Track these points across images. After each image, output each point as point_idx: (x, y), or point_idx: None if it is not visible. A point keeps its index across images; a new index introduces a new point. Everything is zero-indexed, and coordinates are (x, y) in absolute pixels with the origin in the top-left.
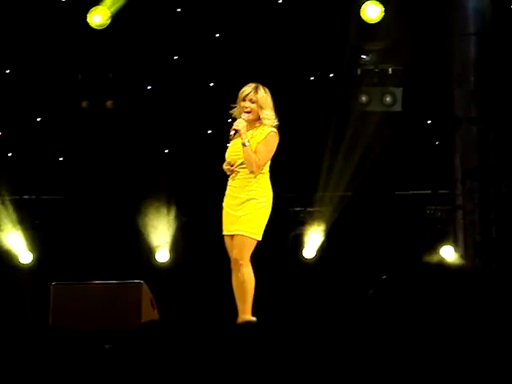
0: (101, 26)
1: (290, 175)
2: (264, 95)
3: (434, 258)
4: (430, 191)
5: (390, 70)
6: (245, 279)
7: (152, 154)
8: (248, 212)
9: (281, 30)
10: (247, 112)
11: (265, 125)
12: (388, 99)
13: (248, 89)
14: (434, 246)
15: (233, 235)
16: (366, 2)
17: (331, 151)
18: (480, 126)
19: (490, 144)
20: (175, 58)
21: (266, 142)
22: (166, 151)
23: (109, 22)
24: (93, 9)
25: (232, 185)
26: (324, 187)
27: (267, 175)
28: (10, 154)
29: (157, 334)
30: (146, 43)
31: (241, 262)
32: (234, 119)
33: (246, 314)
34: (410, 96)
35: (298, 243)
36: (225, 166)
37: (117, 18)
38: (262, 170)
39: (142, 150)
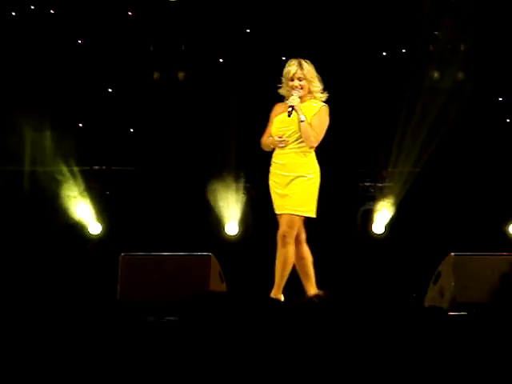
0: None
1: (361, 150)
2: (309, 69)
3: None
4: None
5: (462, 46)
6: (288, 256)
7: (222, 126)
8: (296, 190)
9: (354, 5)
10: (299, 90)
11: (315, 98)
12: (460, 76)
13: (293, 68)
14: None
15: (282, 214)
16: None
17: (402, 127)
18: None
19: None
20: (248, 31)
21: (320, 117)
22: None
23: None
24: None
25: (278, 162)
26: (395, 163)
27: (313, 152)
28: (80, 125)
29: (220, 305)
30: (219, 16)
31: (287, 240)
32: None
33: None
34: (481, 73)
35: (368, 218)
36: (276, 139)
37: None
38: (318, 144)
39: (212, 122)
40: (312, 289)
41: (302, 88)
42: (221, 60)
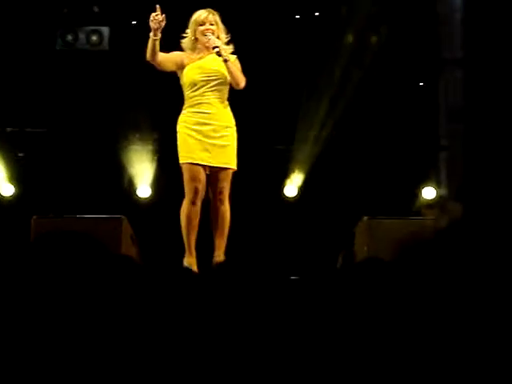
0: None
1: (273, 112)
2: (219, 18)
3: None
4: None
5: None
6: (228, 214)
7: (136, 88)
8: (230, 142)
9: None
10: (212, 33)
11: (224, 49)
12: (373, 39)
13: (204, 13)
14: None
15: (218, 168)
16: None
17: (314, 90)
18: (465, 68)
19: (476, 86)
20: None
21: (236, 63)
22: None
23: None
24: None
25: (201, 111)
26: (307, 125)
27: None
28: None
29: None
30: None
31: (226, 196)
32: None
33: (222, 253)
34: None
35: (280, 181)
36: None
37: None
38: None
39: (126, 85)
40: (222, 251)
41: (213, 33)
42: (134, 22)
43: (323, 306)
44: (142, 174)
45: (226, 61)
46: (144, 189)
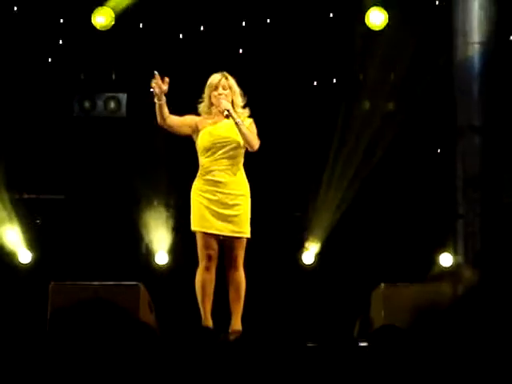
0: (105, 27)
1: (291, 179)
2: (233, 81)
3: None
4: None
5: (392, 76)
6: (243, 281)
7: (152, 155)
8: (242, 211)
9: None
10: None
11: (237, 112)
12: (390, 106)
13: (217, 77)
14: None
15: (231, 237)
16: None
17: (333, 157)
18: (483, 135)
19: (493, 153)
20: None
21: (251, 127)
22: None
23: (113, 22)
24: (97, 9)
25: (213, 179)
26: (325, 193)
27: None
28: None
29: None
30: (148, 44)
31: (241, 264)
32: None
33: (239, 320)
34: (412, 103)
35: (298, 248)
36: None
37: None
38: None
39: (143, 150)
40: (238, 317)
41: (226, 97)
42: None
43: (340, 373)
44: (160, 240)
45: (237, 123)
46: (162, 255)
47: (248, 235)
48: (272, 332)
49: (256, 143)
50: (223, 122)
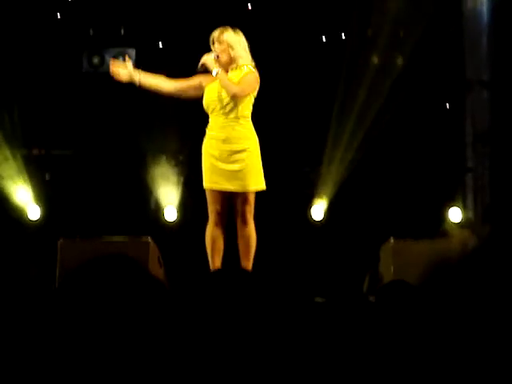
0: None
1: (300, 135)
2: (233, 36)
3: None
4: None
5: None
6: (252, 236)
7: (162, 110)
8: (245, 166)
9: None
10: (216, 56)
11: (241, 66)
12: (399, 61)
13: (215, 32)
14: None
15: (235, 192)
16: None
17: (342, 113)
18: (491, 90)
19: (502, 108)
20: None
21: (244, 76)
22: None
23: None
24: None
25: (215, 136)
26: (334, 148)
27: (249, 119)
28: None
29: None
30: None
31: (249, 219)
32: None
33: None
34: (420, 58)
35: (307, 203)
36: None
37: None
38: (242, 103)
39: (153, 106)
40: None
41: (221, 52)
42: (160, 45)
43: (348, 329)
44: (169, 196)
45: (215, 74)
46: (171, 211)
47: (250, 190)
48: (280, 287)
49: (234, 90)
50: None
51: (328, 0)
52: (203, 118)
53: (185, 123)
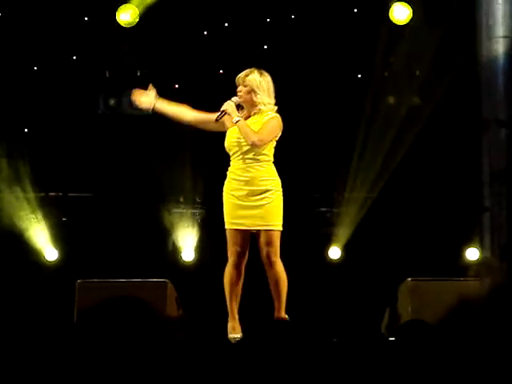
0: (130, 24)
1: (317, 175)
2: (257, 78)
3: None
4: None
5: (417, 72)
6: (281, 276)
7: (176, 152)
8: (270, 204)
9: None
10: (236, 95)
11: (263, 111)
12: (416, 100)
13: (241, 73)
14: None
15: (258, 231)
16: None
17: (358, 152)
18: (508, 129)
19: None
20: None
21: (266, 123)
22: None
23: (138, 19)
24: (122, 6)
25: (237, 178)
26: (351, 188)
27: (271, 161)
28: (36, 151)
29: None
30: (174, 41)
31: (275, 259)
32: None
33: (281, 311)
34: (437, 98)
35: (324, 243)
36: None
37: (146, 16)
38: (263, 146)
39: (169, 148)
40: (281, 311)
41: (243, 94)
42: (177, 86)
43: (365, 369)
44: (187, 237)
45: (235, 122)
46: (188, 252)
47: (276, 228)
48: (298, 327)
49: (251, 137)
50: (247, 121)
51: (344, 41)
52: (219, 159)
53: (201, 164)
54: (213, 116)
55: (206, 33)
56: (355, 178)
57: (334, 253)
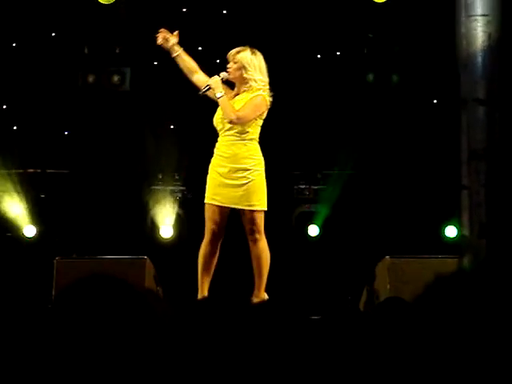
0: (108, 1)
1: (295, 152)
2: (248, 56)
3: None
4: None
5: (396, 48)
6: (264, 254)
7: (158, 129)
8: (251, 183)
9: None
10: (226, 71)
11: (253, 88)
12: (394, 78)
13: (233, 50)
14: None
15: (241, 209)
16: None
17: (337, 129)
18: (487, 107)
19: (497, 125)
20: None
21: (249, 101)
22: (172, 127)
23: None
24: None
25: (220, 153)
26: (329, 165)
27: (256, 140)
28: (15, 128)
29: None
30: (153, 18)
31: (258, 237)
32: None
33: (261, 290)
34: (415, 75)
35: (303, 221)
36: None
37: None
38: (247, 124)
39: (148, 125)
40: (261, 289)
41: (233, 70)
42: (155, 63)
43: (343, 346)
44: (165, 214)
45: (218, 98)
46: (167, 229)
47: (256, 208)
48: (276, 304)
49: (231, 115)
50: (235, 98)
51: (324, 19)
52: (201, 137)
53: (182, 142)
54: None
55: (184, 10)
56: (334, 155)
57: (313, 230)
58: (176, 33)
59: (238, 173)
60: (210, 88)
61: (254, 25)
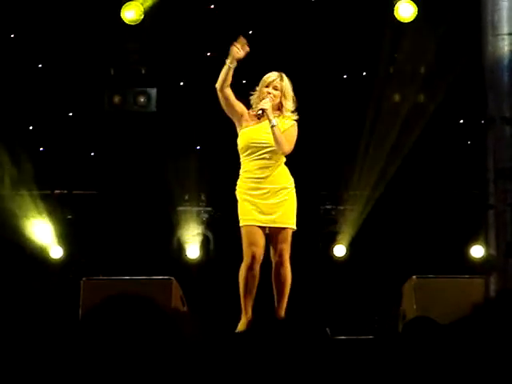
0: (134, 22)
1: (322, 173)
2: (288, 84)
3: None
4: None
5: (422, 69)
6: (288, 276)
7: (184, 150)
8: (285, 202)
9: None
10: (271, 98)
11: (285, 116)
12: (420, 98)
13: (273, 75)
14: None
15: (276, 228)
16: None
17: (363, 150)
18: None
19: None
20: (208, 54)
21: (289, 132)
22: (198, 147)
23: (142, 17)
24: (126, 4)
25: (254, 176)
26: (356, 185)
27: (284, 161)
28: (41, 149)
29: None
30: (179, 39)
31: (286, 258)
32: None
33: (282, 311)
34: (442, 95)
35: (330, 241)
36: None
37: (150, 13)
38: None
39: (174, 146)
40: (281, 312)
41: (274, 97)
42: (181, 83)
43: (372, 366)
44: (191, 235)
45: (272, 126)
46: (193, 250)
47: (292, 227)
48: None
49: (286, 148)
50: (263, 124)
51: (349, 39)
52: (226, 158)
53: (207, 162)
54: (236, 103)
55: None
56: (360, 176)
57: (339, 250)
58: (247, 49)
59: (274, 194)
60: (263, 112)
61: (280, 46)
